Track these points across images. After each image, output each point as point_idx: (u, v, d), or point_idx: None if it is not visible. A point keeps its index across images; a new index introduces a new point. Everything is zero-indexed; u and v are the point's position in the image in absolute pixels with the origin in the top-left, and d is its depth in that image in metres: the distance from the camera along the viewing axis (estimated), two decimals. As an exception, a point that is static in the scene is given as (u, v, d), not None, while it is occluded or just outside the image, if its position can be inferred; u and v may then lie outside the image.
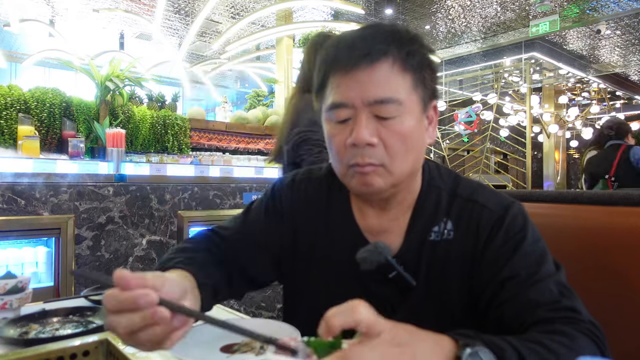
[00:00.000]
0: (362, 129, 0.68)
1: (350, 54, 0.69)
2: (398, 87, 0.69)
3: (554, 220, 1.00)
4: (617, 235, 0.90)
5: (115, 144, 2.68)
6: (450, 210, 0.78)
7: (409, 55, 0.70)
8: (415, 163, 0.75)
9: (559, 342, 0.59)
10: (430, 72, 0.74)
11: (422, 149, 0.76)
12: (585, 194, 1.00)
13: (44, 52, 5.95)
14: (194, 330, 0.77)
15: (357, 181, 0.73)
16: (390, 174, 0.71)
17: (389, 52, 0.69)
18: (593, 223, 0.94)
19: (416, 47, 0.72)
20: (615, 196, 0.94)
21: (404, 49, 0.70)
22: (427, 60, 0.74)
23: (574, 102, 11.11)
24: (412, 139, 0.71)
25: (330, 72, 0.72)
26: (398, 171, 0.72)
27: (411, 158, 0.73)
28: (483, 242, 0.74)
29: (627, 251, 0.88)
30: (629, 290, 0.86)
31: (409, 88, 0.70)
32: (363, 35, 0.71)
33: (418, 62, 0.71)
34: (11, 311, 0.93)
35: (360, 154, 0.70)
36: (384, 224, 0.80)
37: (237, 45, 5.61)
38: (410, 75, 0.70)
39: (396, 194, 0.77)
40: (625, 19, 7.40)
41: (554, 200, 1.03)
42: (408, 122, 0.70)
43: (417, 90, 0.71)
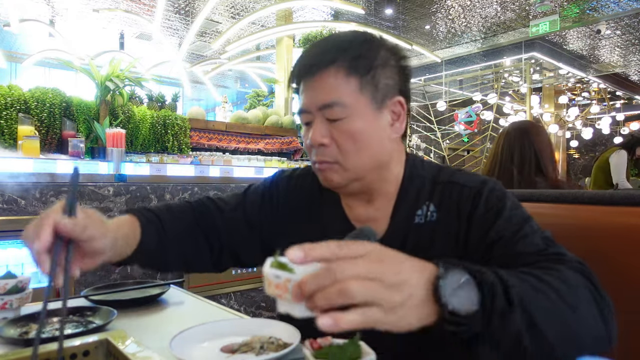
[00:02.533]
0: (315, 131, 0.78)
1: (303, 66, 0.80)
2: (343, 91, 0.76)
3: (554, 220, 1.00)
4: (617, 235, 0.90)
5: (115, 144, 2.68)
6: (433, 195, 0.83)
7: (354, 60, 0.77)
8: (374, 158, 0.80)
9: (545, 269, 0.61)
10: (388, 73, 0.79)
11: (381, 144, 0.80)
12: (586, 194, 1.00)
13: (44, 52, 5.95)
14: (194, 331, 0.77)
15: (320, 177, 0.83)
16: (345, 170, 0.79)
17: (334, 61, 0.76)
18: (593, 223, 0.94)
19: (364, 52, 0.78)
20: (615, 196, 0.94)
21: (348, 56, 0.77)
22: (381, 61, 0.79)
23: (574, 102, 11.11)
24: (363, 137, 0.78)
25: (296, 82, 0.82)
26: (353, 167, 0.79)
27: (366, 154, 0.79)
28: (466, 216, 0.79)
29: (627, 251, 0.88)
30: (629, 290, 0.86)
31: (354, 91, 0.76)
32: (315, 48, 0.81)
33: (365, 65, 0.77)
34: (11, 311, 0.93)
35: (317, 153, 0.79)
36: (370, 213, 0.86)
37: (237, 45, 5.60)
38: (356, 79, 0.77)
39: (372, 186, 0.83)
40: (625, 19, 7.40)
41: (554, 200, 1.03)
42: (356, 122, 0.77)
43: (364, 91, 0.77)
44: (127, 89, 3.10)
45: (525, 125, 1.97)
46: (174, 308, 1.08)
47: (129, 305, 1.07)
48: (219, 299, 2.86)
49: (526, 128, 1.92)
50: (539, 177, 1.83)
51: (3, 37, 7.86)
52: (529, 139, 1.86)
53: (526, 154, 1.84)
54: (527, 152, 1.84)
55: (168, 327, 0.93)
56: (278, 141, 3.95)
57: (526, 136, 1.87)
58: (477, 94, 9.16)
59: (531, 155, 1.84)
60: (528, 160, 1.84)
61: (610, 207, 0.93)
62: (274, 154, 3.90)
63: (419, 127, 10.55)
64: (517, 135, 1.89)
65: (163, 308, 1.08)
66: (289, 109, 4.89)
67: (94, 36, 7.57)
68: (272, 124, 3.99)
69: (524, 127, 1.94)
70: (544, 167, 1.83)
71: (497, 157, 1.92)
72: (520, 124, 1.98)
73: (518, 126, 1.96)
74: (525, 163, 1.84)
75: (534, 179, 1.81)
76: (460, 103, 9.84)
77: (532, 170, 1.83)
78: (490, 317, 0.50)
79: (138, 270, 2.58)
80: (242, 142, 3.77)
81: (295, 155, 4.05)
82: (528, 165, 1.83)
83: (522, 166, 1.84)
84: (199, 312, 1.06)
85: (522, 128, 1.93)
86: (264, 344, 0.73)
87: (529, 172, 1.83)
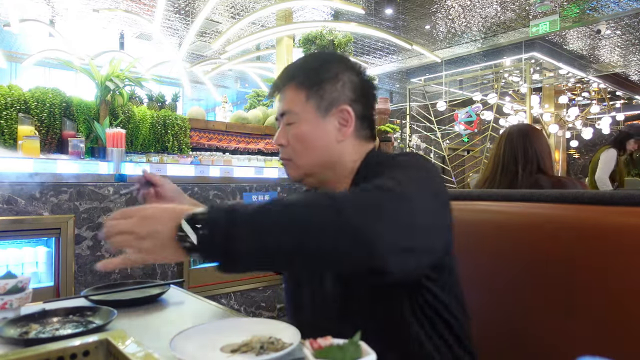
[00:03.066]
0: (277, 134, 0.97)
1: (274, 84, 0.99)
2: (293, 102, 0.94)
3: (554, 220, 1.00)
4: (617, 235, 0.90)
5: (115, 144, 2.68)
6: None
7: (304, 77, 0.95)
8: (320, 157, 0.94)
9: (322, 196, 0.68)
10: (333, 85, 0.94)
11: (327, 145, 0.94)
12: (586, 194, 1.00)
13: (44, 52, 5.95)
14: (194, 330, 0.77)
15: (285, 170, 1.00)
16: (297, 167, 0.96)
17: (290, 80, 0.96)
18: (593, 223, 0.94)
19: (314, 69, 0.96)
20: (615, 196, 0.94)
21: (301, 74, 0.96)
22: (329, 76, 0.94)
23: (574, 102, 11.10)
24: (308, 139, 0.93)
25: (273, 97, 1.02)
26: (302, 164, 0.95)
27: (314, 153, 0.94)
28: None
29: (628, 251, 0.87)
30: (629, 291, 0.86)
31: (302, 101, 0.93)
32: (283, 70, 1.00)
33: (312, 80, 0.94)
34: (11, 311, 0.93)
35: (280, 151, 0.98)
36: None
37: (237, 45, 5.60)
38: (304, 91, 0.93)
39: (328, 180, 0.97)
40: (625, 19, 7.40)
41: (554, 200, 1.03)
42: (303, 126, 0.93)
43: (310, 101, 0.93)
44: (127, 89, 3.10)
45: (526, 128, 2.08)
46: (174, 308, 1.08)
47: (129, 305, 1.07)
48: (219, 299, 2.86)
49: (526, 130, 2.03)
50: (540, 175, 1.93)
51: (3, 37, 7.86)
52: (530, 141, 1.97)
53: (528, 155, 1.95)
54: (529, 152, 1.95)
55: (168, 327, 0.93)
56: (278, 141, 3.95)
57: (527, 138, 1.98)
58: (477, 94, 9.15)
59: (533, 155, 1.95)
60: (530, 160, 1.94)
61: (610, 207, 0.93)
62: (274, 153, 3.90)
63: (419, 127, 10.55)
64: (518, 137, 1.99)
65: (163, 308, 1.08)
66: (289, 109, 4.88)
67: (94, 36, 7.57)
68: (272, 124, 3.99)
69: (524, 129, 2.05)
70: (545, 167, 1.95)
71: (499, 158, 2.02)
72: (520, 127, 2.08)
73: (519, 129, 2.05)
74: (528, 163, 1.94)
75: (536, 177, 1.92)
76: (460, 103, 9.83)
77: (534, 169, 1.94)
78: (212, 241, 0.64)
79: (138, 270, 2.58)
80: (242, 142, 3.77)
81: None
82: (530, 165, 1.94)
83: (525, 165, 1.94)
84: (199, 312, 1.06)
85: (523, 130, 2.03)
86: (264, 344, 0.73)
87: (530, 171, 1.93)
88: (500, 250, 1.08)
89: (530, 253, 1.02)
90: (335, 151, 0.94)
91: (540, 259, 0.99)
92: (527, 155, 1.95)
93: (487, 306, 1.09)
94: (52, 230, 2.28)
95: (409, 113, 10.00)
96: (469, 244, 1.15)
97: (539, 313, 0.99)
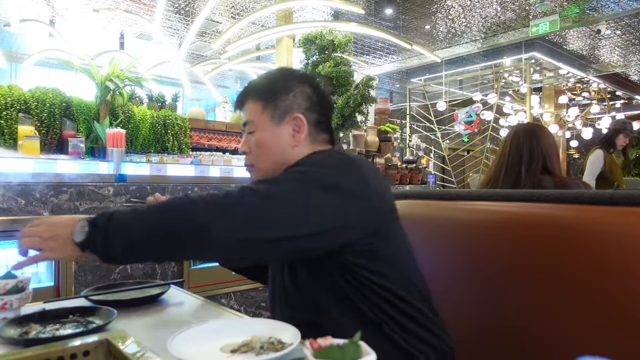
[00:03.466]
0: (241, 142, 1.08)
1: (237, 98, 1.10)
2: (252, 113, 1.05)
3: (554, 220, 1.00)
4: (617, 235, 0.90)
5: (115, 144, 2.68)
6: None
7: (261, 90, 1.06)
8: (277, 161, 1.02)
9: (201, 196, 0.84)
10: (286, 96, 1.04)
11: (282, 150, 1.03)
12: (586, 194, 1.00)
13: (44, 52, 5.95)
14: (194, 330, 0.77)
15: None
16: (258, 170, 1.05)
17: (248, 94, 1.07)
18: (593, 223, 0.94)
19: (269, 83, 1.07)
20: (615, 196, 0.94)
21: (259, 88, 1.07)
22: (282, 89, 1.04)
23: (574, 102, 11.10)
24: (266, 145, 1.03)
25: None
26: (263, 167, 1.04)
27: (271, 158, 1.03)
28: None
29: (628, 251, 0.87)
30: (629, 291, 0.86)
31: (258, 112, 1.04)
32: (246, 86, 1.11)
33: (267, 93, 1.04)
34: (11, 311, 0.93)
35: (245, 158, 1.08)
36: None
37: (237, 45, 5.60)
38: (260, 103, 1.04)
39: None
40: (625, 19, 7.40)
41: (554, 200, 1.03)
42: (261, 134, 1.03)
43: (265, 111, 1.03)
44: (127, 89, 3.10)
45: (533, 127, 2.05)
46: (174, 308, 1.08)
47: (129, 305, 1.07)
48: (219, 299, 2.86)
49: (533, 130, 2.01)
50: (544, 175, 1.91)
51: (3, 37, 7.86)
52: (536, 140, 1.95)
53: (534, 154, 1.93)
54: (535, 151, 1.93)
55: (168, 327, 0.93)
56: (278, 141, 3.95)
57: (534, 137, 1.96)
58: (477, 94, 9.15)
59: (539, 155, 1.93)
60: (536, 159, 1.92)
61: (610, 207, 0.93)
62: (274, 154, 3.89)
63: (419, 127, 10.55)
64: (525, 136, 1.97)
65: (163, 308, 1.08)
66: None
67: (94, 36, 7.57)
68: (272, 124, 3.99)
69: (531, 128, 2.02)
70: (551, 167, 1.93)
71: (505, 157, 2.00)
72: (527, 126, 2.06)
73: (526, 128, 2.03)
74: (532, 162, 1.92)
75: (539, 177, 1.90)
76: (460, 103, 9.83)
77: (539, 169, 1.92)
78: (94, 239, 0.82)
79: (138, 271, 2.58)
80: (242, 142, 3.77)
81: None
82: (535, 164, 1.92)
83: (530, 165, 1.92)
84: (199, 312, 1.06)
85: (530, 130, 2.01)
86: (264, 344, 0.73)
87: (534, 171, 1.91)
88: (500, 251, 1.08)
89: (530, 253, 1.02)
90: (290, 155, 1.02)
91: (540, 259, 0.99)
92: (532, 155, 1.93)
93: (487, 306, 1.09)
94: (52, 230, 2.28)
95: (409, 113, 10.00)
96: (469, 244, 1.15)
97: (538, 313, 0.99)
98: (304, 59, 4.15)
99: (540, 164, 1.93)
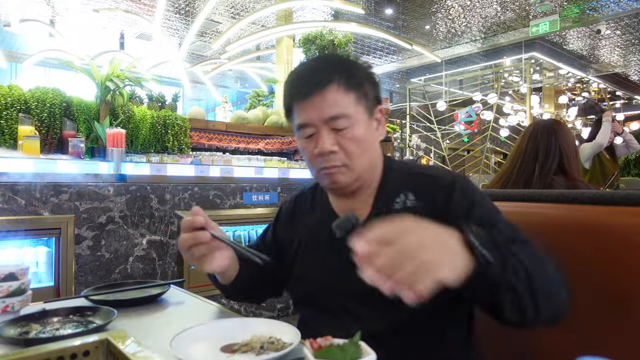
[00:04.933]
0: (324, 141, 0.88)
1: (306, 85, 0.89)
2: (345, 104, 0.88)
3: (554, 220, 1.00)
4: (617, 235, 0.90)
5: (115, 144, 2.68)
6: (409, 185, 0.93)
7: (350, 78, 0.89)
8: (371, 158, 0.93)
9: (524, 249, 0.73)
10: (370, 86, 0.93)
11: (375, 146, 0.94)
12: (586, 194, 1.00)
13: (44, 52, 5.95)
14: (194, 331, 0.77)
15: (327, 180, 0.92)
16: (352, 171, 0.91)
17: (333, 79, 0.88)
18: (593, 223, 0.94)
19: (355, 70, 0.92)
20: (615, 196, 0.94)
21: (344, 74, 0.89)
22: (367, 77, 0.93)
23: (574, 102, 11.11)
24: (364, 141, 0.90)
25: (292, 101, 0.92)
26: (358, 168, 0.91)
27: (367, 155, 0.91)
28: (442, 203, 0.88)
29: (627, 251, 0.87)
30: (629, 290, 0.86)
31: (353, 103, 0.89)
32: (312, 68, 0.94)
33: (358, 82, 0.90)
34: (12, 314, 0.93)
35: (325, 160, 0.89)
36: (355, 205, 0.96)
37: (237, 45, 5.60)
38: (353, 93, 0.89)
39: (362, 184, 0.94)
40: (625, 19, 7.40)
41: (554, 200, 1.03)
42: (358, 129, 0.89)
43: (360, 103, 0.90)
44: (127, 89, 3.10)
45: (552, 123, 1.97)
46: (174, 308, 1.08)
47: (129, 305, 1.07)
48: (219, 299, 2.86)
49: (552, 126, 1.93)
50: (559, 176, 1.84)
51: (3, 37, 7.86)
52: (555, 137, 1.88)
53: (550, 152, 1.87)
54: (552, 149, 1.86)
55: (168, 327, 0.93)
56: (278, 141, 3.95)
57: (553, 134, 1.89)
58: (477, 94, 9.15)
59: (555, 152, 1.86)
60: (552, 157, 1.86)
61: (610, 207, 0.93)
62: (274, 154, 3.90)
63: (419, 127, 10.55)
64: (543, 133, 1.90)
65: (163, 308, 1.08)
66: (289, 109, 4.88)
67: (94, 36, 7.58)
68: (272, 124, 4.00)
69: (550, 125, 1.94)
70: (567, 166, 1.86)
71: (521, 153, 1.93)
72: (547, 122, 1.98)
73: (545, 124, 1.95)
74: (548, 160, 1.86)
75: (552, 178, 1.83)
76: (460, 103, 9.83)
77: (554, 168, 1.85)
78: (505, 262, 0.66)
79: (138, 270, 2.59)
80: (242, 142, 3.77)
81: (295, 155, 4.05)
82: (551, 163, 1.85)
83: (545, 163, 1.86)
84: (199, 312, 1.06)
85: (549, 126, 1.93)
86: (264, 344, 0.73)
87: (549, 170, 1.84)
88: (500, 250, 1.08)
89: (530, 253, 1.02)
90: (377, 152, 0.95)
91: (540, 259, 0.99)
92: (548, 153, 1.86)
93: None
94: (52, 230, 2.28)
95: (409, 113, 10.00)
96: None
97: (539, 313, 0.99)
98: (304, 59, 4.16)
99: (555, 162, 1.85)
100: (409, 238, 0.58)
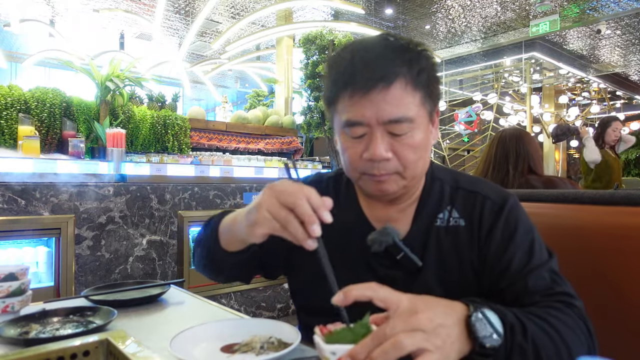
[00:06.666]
0: (379, 146, 0.74)
1: (366, 76, 0.72)
2: (409, 106, 0.74)
3: (554, 220, 1.00)
4: (617, 235, 0.90)
5: (115, 144, 2.68)
6: (454, 200, 0.85)
7: (419, 74, 0.74)
8: (424, 165, 0.82)
9: (553, 315, 0.67)
10: (435, 84, 0.79)
11: (429, 152, 0.83)
12: (586, 193, 1.00)
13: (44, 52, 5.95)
14: (194, 331, 0.77)
15: (373, 187, 0.79)
16: (404, 179, 0.78)
17: (401, 73, 0.72)
18: (593, 223, 0.94)
19: (424, 63, 0.76)
20: (615, 196, 0.94)
21: (414, 69, 0.74)
22: (433, 73, 0.78)
23: (574, 102, 11.11)
24: (421, 149, 0.78)
25: (345, 89, 0.75)
26: (411, 176, 0.79)
27: (421, 163, 0.79)
28: (486, 230, 0.81)
29: (628, 251, 0.87)
30: (629, 290, 0.86)
31: (418, 105, 0.75)
32: (378, 55, 0.74)
33: (426, 79, 0.76)
34: (12, 314, 0.93)
35: (376, 167, 0.76)
36: (392, 214, 0.86)
37: (237, 45, 5.61)
38: (420, 92, 0.75)
39: (407, 191, 0.84)
40: (625, 19, 7.40)
41: (554, 200, 1.03)
42: (418, 135, 0.76)
43: (425, 105, 0.77)
44: (127, 89, 3.10)
45: (518, 131, 2.24)
46: (174, 308, 1.08)
47: (129, 305, 1.07)
48: (219, 299, 2.86)
49: (519, 134, 2.19)
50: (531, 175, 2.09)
51: (3, 37, 7.86)
52: (522, 142, 2.14)
53: (520, 155, 2.12)
54: (522, 152, 2.11)
55: (168, 327, 0.93)
56: (278, 141, 3.95)
57: (520, 140, 2.14)
58: (477, 93, 9.16)
59: (526, 155, 2.11)
60: (522, 159, 2.10)
61: (610, 207, 0.93)
62: (274, 154, 3.90)
63: (419, 127, 10.52)
64: (511, 139, 2.16)
65: (163, 308, 1.08)
66: (289, 109, 4.89)
67: (94, 36, 7.58)
68: (272, 124, 4.00)
69: (517, 133, 2.20)
70: (535, 168, 2.11)
71: (492, 157, 2.17)
72: (513, 131, 2.24)
73: (511, 132, 2.21)
74: (519, 161, 2.10)
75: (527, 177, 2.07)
76: (460, 103, 9.84)
77: (526, 168, 2.10)
78: (511, 351, 0.61)
79: (138, 271, 2.59)
80: (242, 142, 3.77)
81: (295, 155, 4.05)
82: (522, 164, 2.10)
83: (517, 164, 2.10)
84: (199, 312, 1.06)
85: (515, 134, 2.19)
86: (264, 344, 0.73)
87: (522, 170, 2.09)
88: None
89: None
90: (429, 158, 0.85)
91: (540, 259, 0.99)
92: (519, 155, 2.11)
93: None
94: (52, 230, 2.28)
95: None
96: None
97: (539, 313, 0.99)
98: (304, 59, 4.16)
99: (527, 163, 2.10)
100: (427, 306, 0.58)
